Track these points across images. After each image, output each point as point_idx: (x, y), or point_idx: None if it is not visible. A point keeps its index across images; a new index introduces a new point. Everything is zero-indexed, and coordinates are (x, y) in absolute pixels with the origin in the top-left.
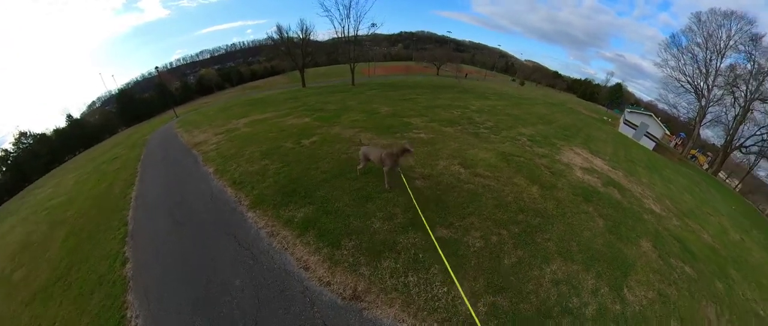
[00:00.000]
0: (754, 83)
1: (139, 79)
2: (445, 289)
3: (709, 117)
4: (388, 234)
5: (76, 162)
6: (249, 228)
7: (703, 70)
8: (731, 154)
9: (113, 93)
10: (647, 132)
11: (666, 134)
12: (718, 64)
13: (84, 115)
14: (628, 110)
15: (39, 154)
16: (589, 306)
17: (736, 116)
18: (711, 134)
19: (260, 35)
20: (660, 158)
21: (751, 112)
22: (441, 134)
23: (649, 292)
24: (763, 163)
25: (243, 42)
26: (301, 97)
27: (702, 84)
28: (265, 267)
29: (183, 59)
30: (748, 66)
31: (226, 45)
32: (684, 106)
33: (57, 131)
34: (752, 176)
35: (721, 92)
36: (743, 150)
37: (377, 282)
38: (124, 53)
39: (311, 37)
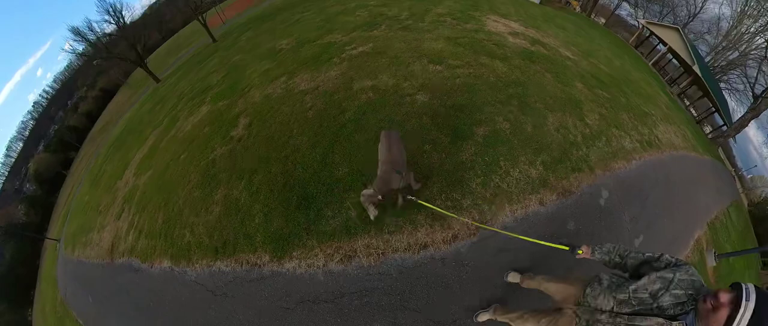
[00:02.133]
0: None
1: None
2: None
3: None
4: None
5: None
6: None
7: None
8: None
9: None
10: None
11: None
12: None
13: None
14: None
15: None
16: (578, 136)
17: None
18: None
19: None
20: (548, 9)
21: None
22: (375, 40)
23: (595, 116)
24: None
25: (45, 90)
26: (167, 94)
27: None
28: None
29: None
30: None
31: (28, 112)
32: None
33: None
34: (615, 15)
35: None
36: None
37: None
38: None
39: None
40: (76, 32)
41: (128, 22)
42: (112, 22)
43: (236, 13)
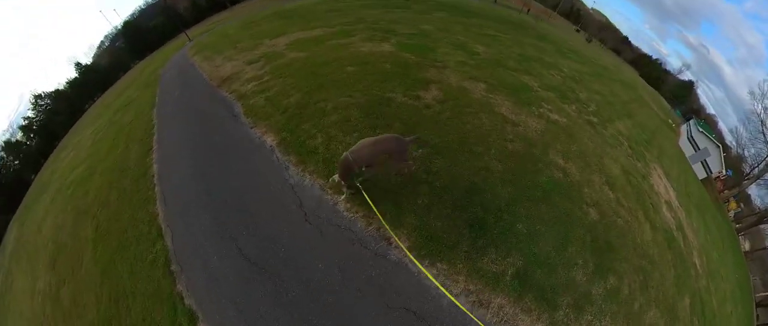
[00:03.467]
0: None
1: (142, 6)
2: None
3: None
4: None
5: (93, 111)
6: (430, 297)
7: None
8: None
9: (118, 28)
10: (704, 160)
11: (720, 172)
12: None
13: (94, 59)
14: (697, 126)
15: (59, 112)
16: None
17: None
18: (755, 192)
19: None
20: (705, 196)
21: None
22: (567, 116)
23: None
24: None
25: None
26: (345, 8)
27: None
28: None
29: None
30: None
31: None
32: (750, 151)
33: (70, 83)
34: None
35: None
36: None
37: None
38: None
39: None
40: None
41: None
42: None
43: None
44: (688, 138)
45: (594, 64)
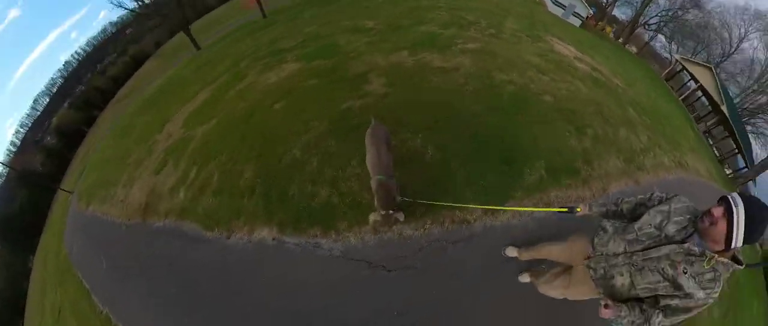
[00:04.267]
0: None
1: None
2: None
3: None
4: None
5: None
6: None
7: None
8: (636, 30)
9: None
10: (575, 12)
11: (589, 14)
12: None
13: None
14: None
15: None
16: (638, 146)
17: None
18: (618, 11)
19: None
20: (591, 36)
21: None
22: (477, 41)
23: (645, 136)
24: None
25: (76, 52)
26: (215, 58)
27: None
28: None
29: (21, 127)
30: None
31: (58, 70)
32: None
33: None
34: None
35: None
36: (647, 26)
37: None
38: None
39: None
40: None
41: None
42: None
43: None
44: (552, 2)
45: None
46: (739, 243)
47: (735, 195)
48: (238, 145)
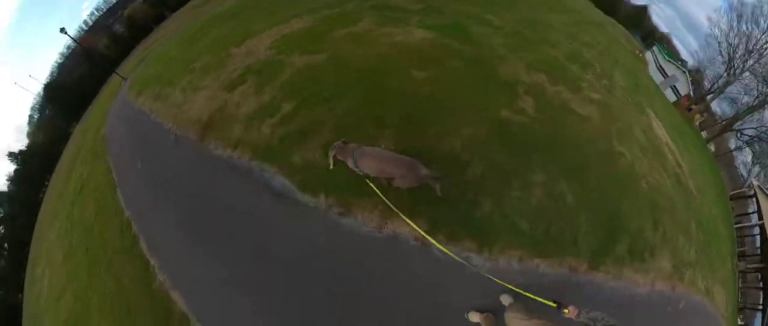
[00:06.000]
0: None
1: (59, 61)
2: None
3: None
4: None
5: (48, 205)
6: None
7: (748, 49)
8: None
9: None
10: (673, 85)
11: (687, 93)
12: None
13: (29, 139)
14: (662, 54)
15: (15, 215)
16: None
17: (749, 105)
18: (716, 105)
19: None
20: (679, 119)
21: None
22: (596, 91)
23: (692, 252)
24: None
25: None
26: None
27: (739, 63)
28: None
29: (96, 10)
30: None
31: None
32: (709, 70)
33: (12, 179)
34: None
35: (751, 80)
36: (739, 134)
37: None
38: (26, 42)
39: None
40: None
41: None
42: None
43: None
44: (656, 67)
45: (569, 11)
46: None
47: None
48: (365, 102)
